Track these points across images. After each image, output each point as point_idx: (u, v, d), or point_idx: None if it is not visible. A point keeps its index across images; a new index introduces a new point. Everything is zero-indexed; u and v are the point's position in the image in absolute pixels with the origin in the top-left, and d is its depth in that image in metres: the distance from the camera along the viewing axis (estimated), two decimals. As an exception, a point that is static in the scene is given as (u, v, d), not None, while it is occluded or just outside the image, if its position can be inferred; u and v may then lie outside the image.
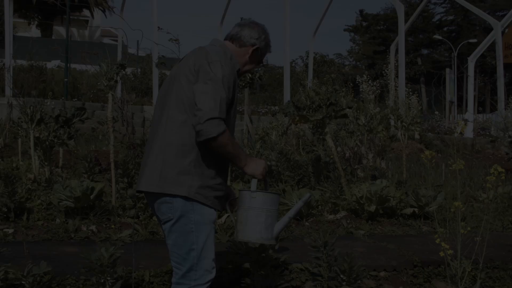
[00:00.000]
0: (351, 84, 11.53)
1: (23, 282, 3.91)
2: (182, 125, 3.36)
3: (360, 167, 8.73)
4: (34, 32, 39.80)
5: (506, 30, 21.40)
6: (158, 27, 15.12)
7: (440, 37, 46.26)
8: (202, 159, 3.37)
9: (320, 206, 6.99)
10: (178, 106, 3.39)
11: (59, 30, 40.95)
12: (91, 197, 5.99)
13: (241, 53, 3.61)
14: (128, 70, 26.10)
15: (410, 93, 14.70)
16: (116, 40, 23.32)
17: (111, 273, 3.98)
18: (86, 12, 42.64)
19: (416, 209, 6.96)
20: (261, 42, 3.64)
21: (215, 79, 3.30)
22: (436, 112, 25.49)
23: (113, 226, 5.84)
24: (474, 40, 40.61)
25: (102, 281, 3.98)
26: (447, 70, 26.18)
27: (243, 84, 6.58)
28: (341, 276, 4.31)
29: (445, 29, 54.43)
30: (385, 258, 5.30)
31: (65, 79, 19.01)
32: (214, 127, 3.20)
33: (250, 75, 6.63)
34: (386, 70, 8.89)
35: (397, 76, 17.32)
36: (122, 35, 19.61)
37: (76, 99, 18.35)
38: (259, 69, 6.96)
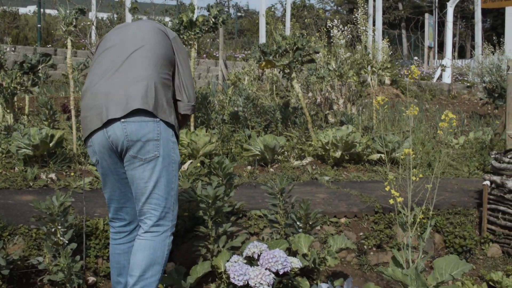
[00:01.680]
0: (325, 29, 11.34)
1: (-31, 232, 3.81)
2: (164, 65, 3.45)
3: (331, 112, 8.66)
4: (8, -24, 38.87)
5: (486, -25, 21.15)
6: (130, -30, 14.75)
7: (421, -19, 45.76)
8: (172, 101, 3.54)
9: (286, 152, 6.92)
10: (155, 48, 3.48)
11: (35, -26, 40.05)
12: (51, 144, 5.87)
13: None
14: (104, 16, 25.61)
15: (381, 38, 14.56)
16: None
17: (62, 222, 3.91)
18: (62, -45, 41.70)
19: (382, 155, 6.93)
20: None
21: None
22: (415, 58, 25.38)
23: (73, 174, 5.74)
24: (456, -15, 40.24)
25: (53, 230, 3.91)
26: (426, 15, 25.93)
27: (206, 28, 6.37)
28: (298, 223, 4.27)
29: (427, -27, 53.86)
30: (346, 205, 5.27)
31: (38, 25, 18.64)
32: (195, 110, 3.80)
33: (213, 20, 6.43)
34: (356, 15, 8.75)
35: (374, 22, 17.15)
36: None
37: (50, 45, 18.03)
38: (223, 13, 6.73)
